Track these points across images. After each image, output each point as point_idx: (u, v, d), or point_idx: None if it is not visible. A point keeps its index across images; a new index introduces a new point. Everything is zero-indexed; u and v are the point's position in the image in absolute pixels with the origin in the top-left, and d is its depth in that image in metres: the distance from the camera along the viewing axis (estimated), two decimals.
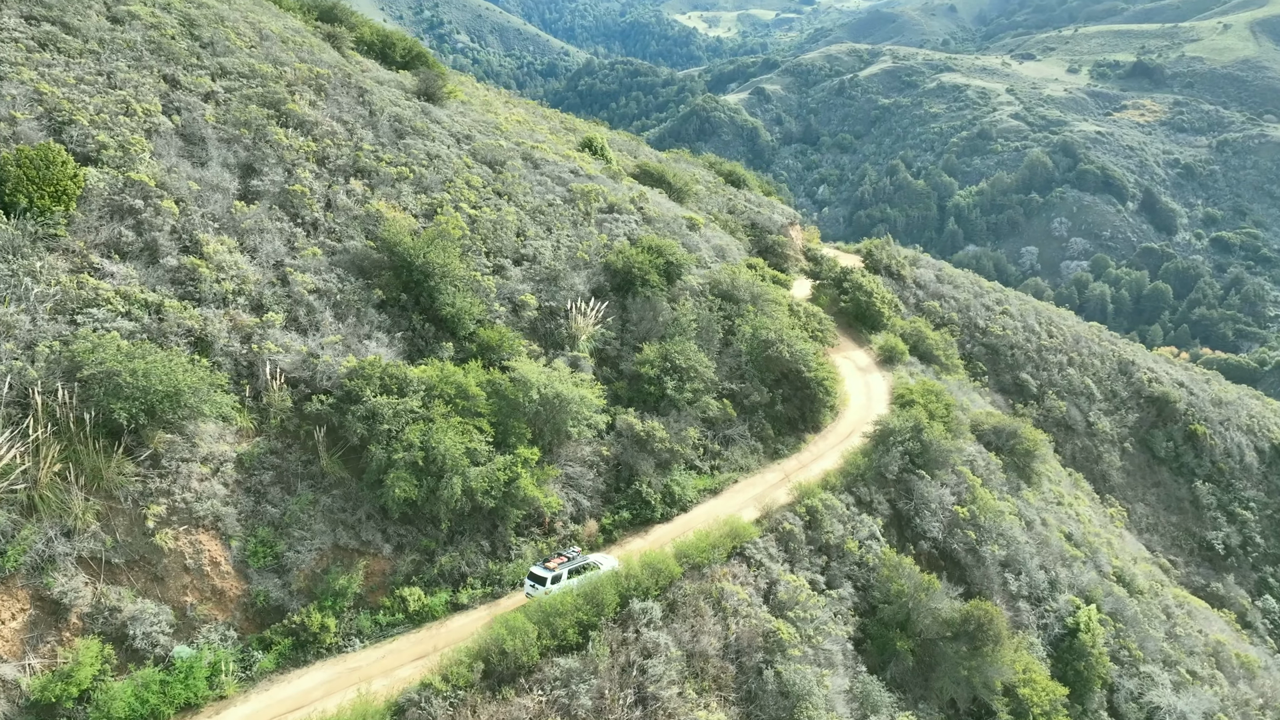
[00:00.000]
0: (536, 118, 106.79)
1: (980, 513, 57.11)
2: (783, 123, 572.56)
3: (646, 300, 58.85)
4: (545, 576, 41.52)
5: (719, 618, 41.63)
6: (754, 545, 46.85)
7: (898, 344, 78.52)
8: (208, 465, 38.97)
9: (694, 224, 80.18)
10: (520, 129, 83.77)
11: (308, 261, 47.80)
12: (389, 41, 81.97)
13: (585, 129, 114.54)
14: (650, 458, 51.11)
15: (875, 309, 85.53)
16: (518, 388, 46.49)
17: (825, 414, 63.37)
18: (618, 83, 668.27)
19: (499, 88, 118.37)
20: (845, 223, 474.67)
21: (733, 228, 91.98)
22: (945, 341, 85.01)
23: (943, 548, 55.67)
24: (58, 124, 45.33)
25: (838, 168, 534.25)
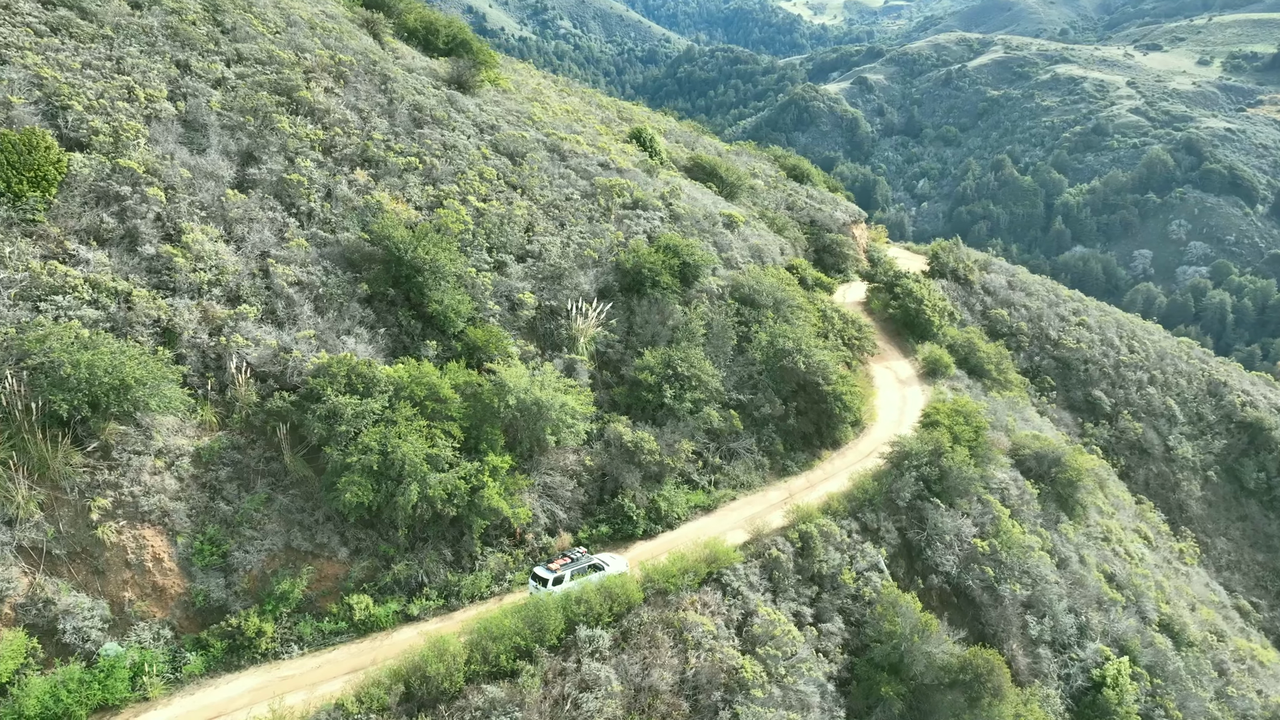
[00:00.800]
0: (591, 107, 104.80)
1: (1003, 547, 52.67)
2: (884, 114, 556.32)
3: (654, 303, 56.29)
4: (546, 578, 40.34)
5: (678, 650, 39.08)
6: (733, 572, 44.02)
7: (943, 356, 73.78)
8: (162, 459, 38.50)
9: (732, 221, 76.98)
10: (563, 119, 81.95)
11: (293, 253, 47.03)
12: (432, 28, 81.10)
13: (642, 118, 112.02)
14: (637, 470, 48.71)
15: (925, 317, 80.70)
16: (494, 392, 44.71)
17: (847, 430, 59.66)
18: (717, 70, 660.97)
19: (557, 75, 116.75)
20: (944, 219, 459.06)
21: (779, 225, 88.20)
22: (998, 354, 79.52)
23: (956, 584, 51.55)
24: (55, 109, 45.61)
25: (940, 161, 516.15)
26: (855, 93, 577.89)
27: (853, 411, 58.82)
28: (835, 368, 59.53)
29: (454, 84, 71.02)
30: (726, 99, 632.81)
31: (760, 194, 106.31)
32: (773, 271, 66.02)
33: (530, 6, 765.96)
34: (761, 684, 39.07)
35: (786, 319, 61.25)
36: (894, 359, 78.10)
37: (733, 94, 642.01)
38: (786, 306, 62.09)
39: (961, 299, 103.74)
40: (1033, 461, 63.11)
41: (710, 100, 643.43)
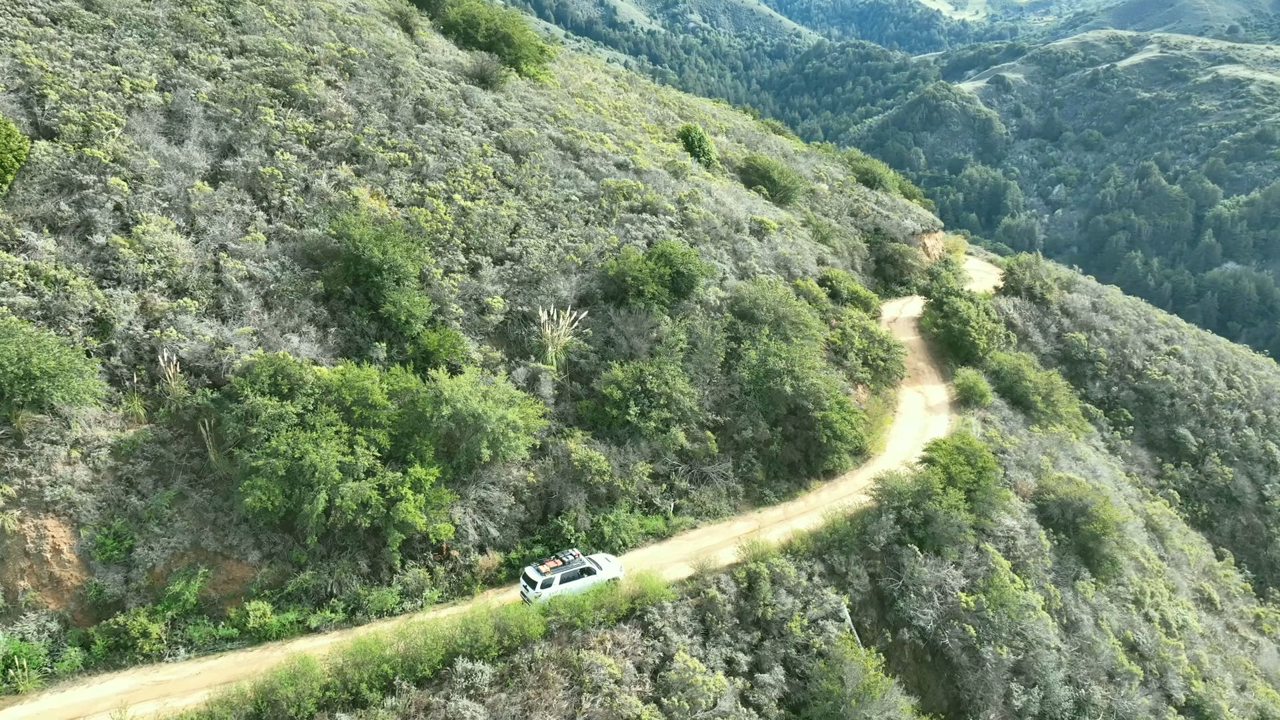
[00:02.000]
0: (650, 104, 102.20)
1: (991, 604, 47.54)
2: (1021, 115, 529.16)
3: (636, 313, 53.52)
4: (536, 580, 39.73)
5: (572, 693, 36.56)
6: (660, 609, 41.04)
7: (978, 383, 67.93)
8: (78, 449, 38.72)
9: (762, 228, 73.14)
10: (599, 117, 79.79)
11: (248, 247, 46.74)
12: (473, 22, 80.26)
13: (706, 116, 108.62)
14: (583, 490, 46.24)
15: (969, 339, 74.72)
16: (429, 401, 43.15)
17: (844, 460, 55.33)
18: (846, 66, 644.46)
19: (620, 70, 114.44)
20: (1079, 227, 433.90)
21: (825, 233, 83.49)
22: (1048, 384, 72.59)
23: (932, 641, 46.84)
24: (37, 97, 46.74)
25: (1079, 166, 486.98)
26: (991, 92, 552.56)
27: (846, 440, 54.43)
28: (832, 392, 55.24)
29: (476, 79, 69.90)
30: (854, 96, 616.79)
31: (823, 199, 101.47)
32: (778, 286, 61.94)
33: (661, 0, 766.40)
34: None
35: (786, 337, 57.28)
36: (930, 383, 72.63)
37: (860, 91, 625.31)
38: (788, 323, 58.07)
39: (1035, 320, 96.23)
40: (1055, 509, 57.06)
41: (837, 97, 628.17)
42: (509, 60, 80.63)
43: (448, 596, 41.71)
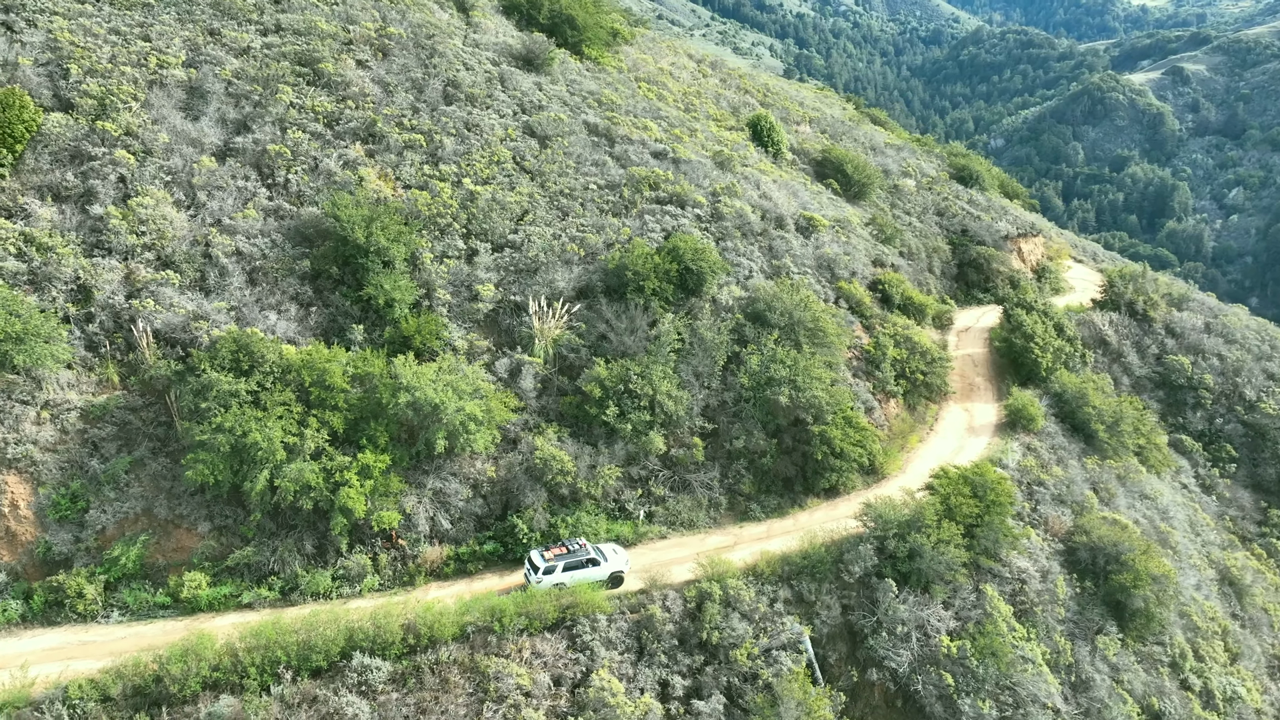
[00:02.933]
0: (732, 90, 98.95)
1: (978, 652, 43.30)
2: (1199, 110, 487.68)
3: (632, 308, 51.54)
4: (539, 565, 40.25)
5: (474, 700, 35.51)
6: (589, 622, 39.38)
7: (1029, 405, 62.28)
8: (48, 410, 40.48)
9: (811, 225, 69.38)
10: (652, 102, 77.67)
11: (242, 223, 47.65)
12: (535, 3, 79.53)
13: (789, 100, 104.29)
14: (543, 489, 44.95)
15: (1031, 356, 68.71)
16: (387, 388, 42.84)
17: (849, 479, 51.78)
18: (1005, 54, 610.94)
19: (707, 53, 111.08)
20: (1257, 235, 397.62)
21: (889, 233, 78.43)
22: (1115, 412, 65.66)
23: (904, 685, 43.15)
24: (63, 71, 49.05)
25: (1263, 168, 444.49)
26: (1165, 84, 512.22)
27: (848, 459, 50.79)
28: (840, 405, 51.66)
29: (521, 61, 69.13)
30: (1011, 85, 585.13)
31: (907, 195, 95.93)
32: (800, 288, 58.13)
33: None
34: None
35: (797, 343, 53.95)
36: (983, 401, 67.23)
37: (1019, 80, 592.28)
38: (802, 329, 54.63)
39: (1133, 338, 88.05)
40: (1086, 553, 51.62)
41: (992, 86, 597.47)
42: (571, 43, 79.68)
43: (388, 585, 41.44)
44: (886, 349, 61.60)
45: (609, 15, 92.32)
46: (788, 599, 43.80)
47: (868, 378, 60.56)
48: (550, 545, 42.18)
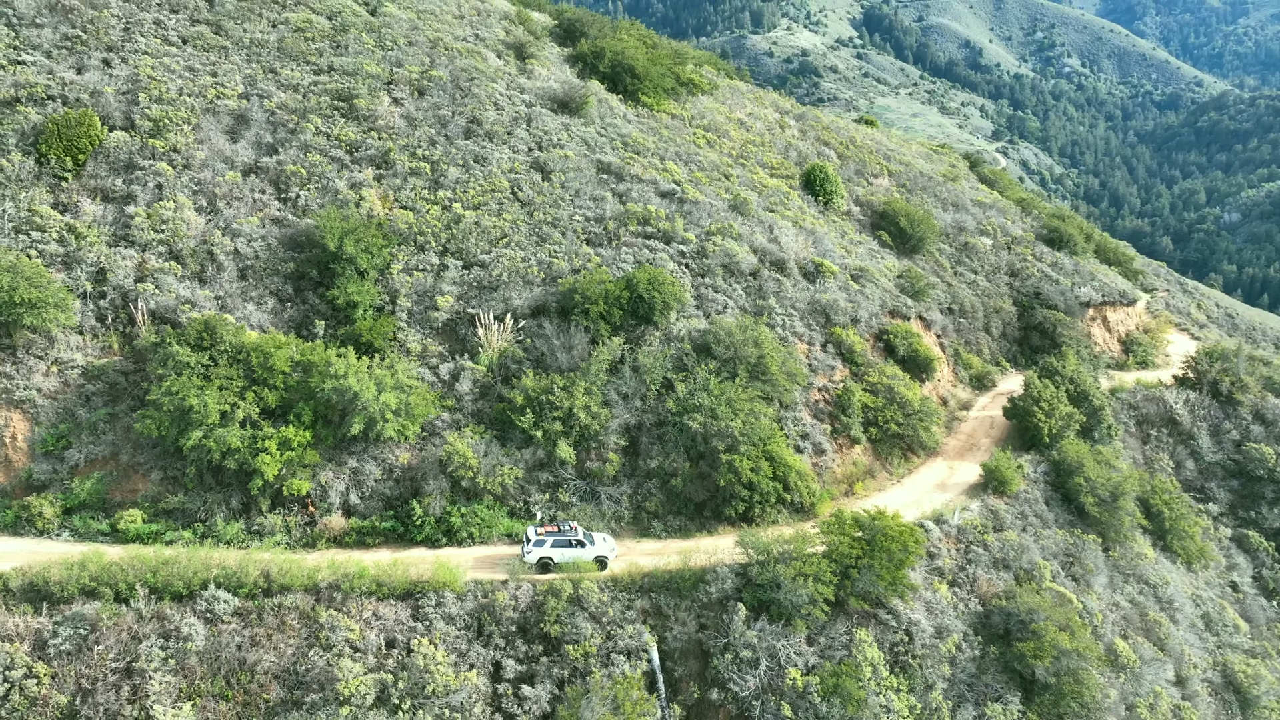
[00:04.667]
0: (810, 141, 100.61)
1: (824, 692, 43.27)
2: None
3: (567, 329, 55.46)
4: (531, 538, 46.02)
5: (303, 643, 40.30)
6: (436, 596, 43.27)
7: (1004, 469, 60.01)
8: (57, 365, 49.89)
9: (820, 271, 70.46)
10: (691, 147, 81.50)
11: (245, 228, 56.10)
12: (599, 54, 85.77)
13: (874, 154, 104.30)
14: (446, 480, 49.52)
15: (1032, 420, 65.96)
16: (319, 374, 49.21)
17: (767, 510, 52.70)
18: (1254, 121, 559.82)
19: (791, 106, 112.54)
20: None
21: (917, 288, 77.28)
22: (1112, 485, 61.31)
23: (745, 710, 43.76)
24: (135, 99, 60.05)
25: None
26: None
27: (758, 490, 51.73)
28: (765, 439, 52.80)
29: (558, 104, 75.30)
30: (1257, 155, 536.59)
31: (979, 254, 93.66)
32: (757, 328, 59.37)
33: (1036, 43, 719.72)
34: (362, 704, 38.73)
35: (733, 376, 55.66)
36: (974, 462, 65.07)
37: (1267, 150, 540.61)
38: (743, 364, 56.21)
39: (1211, 420, 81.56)
40: (999, 618, 49.60)
41: (1234, 155, 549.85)
42: (629, 90, 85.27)
43: (293, 545, 47.30)
44: (854, 395, 61.61)
45: (685, 68, 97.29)
46: (645, 609, 45.71)
47: (831, 421, 60.87)
48: (544, 524, 47.51)
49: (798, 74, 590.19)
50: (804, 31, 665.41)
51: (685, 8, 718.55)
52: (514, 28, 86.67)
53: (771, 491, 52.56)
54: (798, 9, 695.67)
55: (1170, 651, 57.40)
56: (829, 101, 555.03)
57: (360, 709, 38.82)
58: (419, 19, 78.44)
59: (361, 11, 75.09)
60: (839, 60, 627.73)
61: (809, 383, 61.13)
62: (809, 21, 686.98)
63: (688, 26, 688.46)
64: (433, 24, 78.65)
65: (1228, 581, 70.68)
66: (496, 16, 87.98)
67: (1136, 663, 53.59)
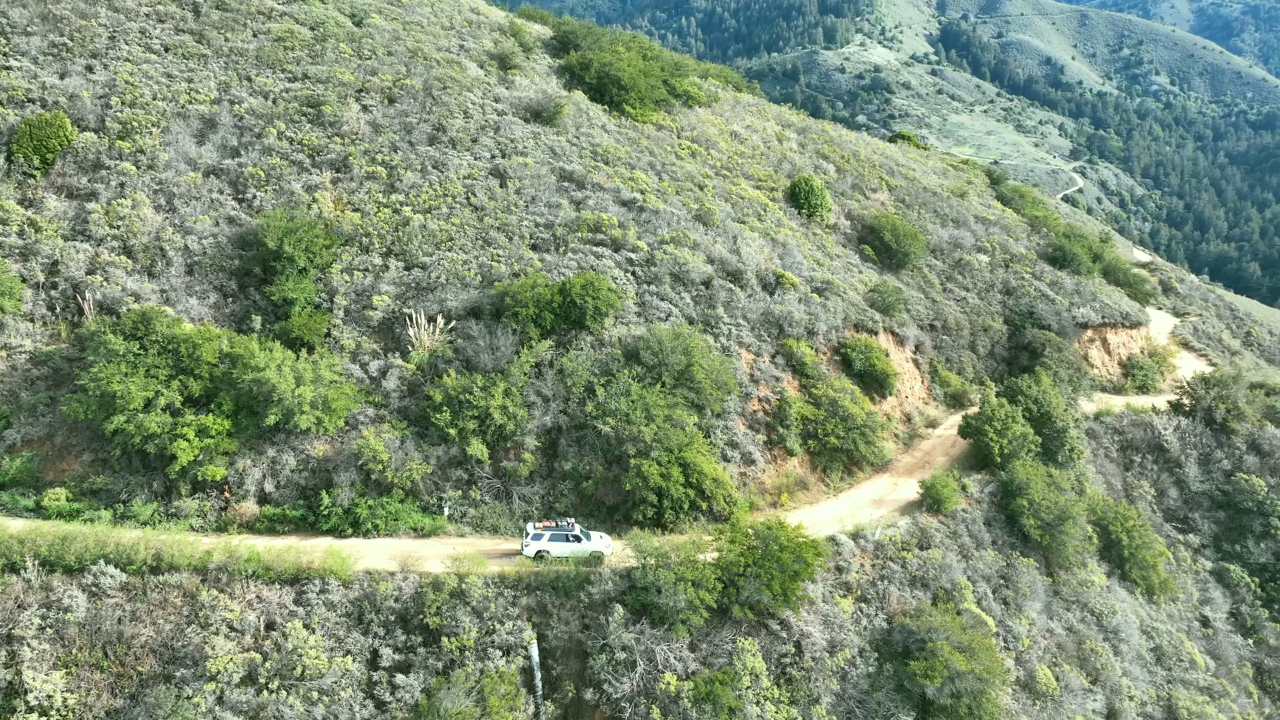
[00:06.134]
0: (808, 156, 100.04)
1: (697, 701, 43.10)
2: None
3: (494, 331, 56.47)
4: (530, 533, 48.05)
5: (182, 619, 42.01)
6: (320, 584, 44.59)
7: (941, 488, 58.73)
8: (5, 350, 53.08)
9: (781, 282, 70.16)
10: (667, 157, 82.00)
11: (197, 226, 58.78)
12: (585, 66, 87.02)
13: (876, 169, 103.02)
14: (356, 472, 50.94)
15: (983, 440, 64.44)
16: (242, 367, 51.27)
17: (680, 517, 52.79)
18: None
19: (794, 119, 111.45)
20: None
21: (887, 303, 76.06)
22: (1054, 511, 59.38)
23: (618, 711, 43.86)
24: (111, 101, 63.54)
25: None
26: None
27: (669, 497, 51.75)
28: (676, 445, 52.87)
29: (531, 114, 76.72)
30: None
31: (972, 271, 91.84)
32: (694, 337, 59.32)
33: (1121, 60, 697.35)
34: (229, 681, 40.22)
35: (657, 382, 55.87)
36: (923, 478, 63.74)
37: None
38: (668, 370, 56.38)
39: (1202, 449, 78.38)
40: (899, 635, 48.64)
41: None
42: (615, 101, 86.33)
43: (205, 529, 49.29)
44: (791, 407, 61.13)
45: (684, 80, 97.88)
46: (530, 606, 46.25)
47: (768, 432, 60.53)
48: (542, 519, 49.62)
49: (869, 90, 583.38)
50: (878, 48, 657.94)
51: (758, 24, 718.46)
52: (504, 39, 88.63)
53: (684, 498, 52.55)
54: (873, 25, 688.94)
55: (1105, 683, 55.29)
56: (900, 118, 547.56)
57: (227, 686, 40.30)
58: (404, 30, 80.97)
59: (346, 22, 77.94)
60: (912, 76, 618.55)
61: (747, 393, 60.91)
62: (884, 38, 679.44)
63: (760, 42, 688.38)
64: (416, 34, 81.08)
65: (1198, 616, 67.60)
66: (488, 28, 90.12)
67: (1057, 691, 51.85)
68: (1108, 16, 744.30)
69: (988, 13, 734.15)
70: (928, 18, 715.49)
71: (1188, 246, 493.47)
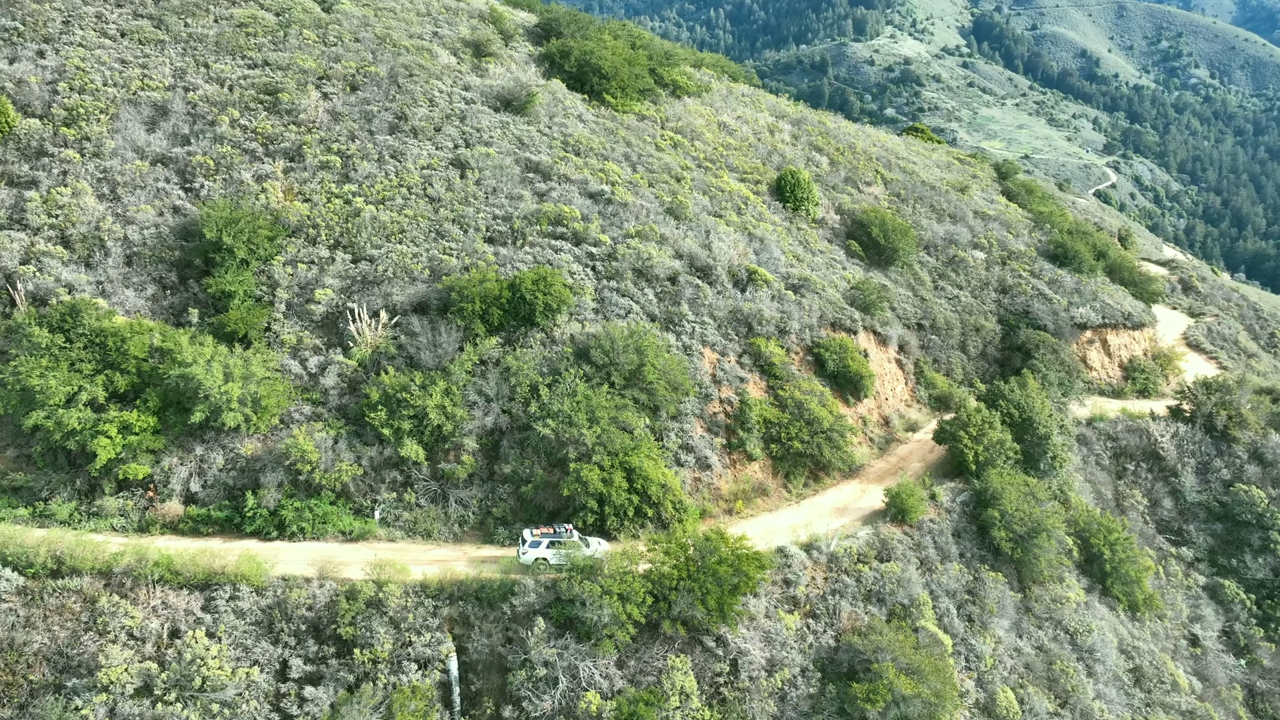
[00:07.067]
0: (800, 148, 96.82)
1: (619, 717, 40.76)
2: None
3: (436, 327, 54.26)
4: (527, 539, 46.12)
5: (79, 625, 40.30)
6: (230, 590, 42.70)
7: (906, 497, 55.67)
8: None
9: (753, 279, 67.34)
10: (642, 149, 79.35)
11: (139, 216, 57.10)
12: (565, 54, 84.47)
13: (874, 162, 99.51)
14: (284, 473, 49.03)
15: (958, 447, 61.30)
16: (169, 361, 49.53)
17: (625, 524, 50.34)
18: None
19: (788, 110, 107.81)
20: None
21: (868, 300, 72.89)
22: (1026, 523, 56.18)
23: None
24: (59, 87, 62.06)
25: None
26: None
27: (610, 504, 49.35)
28: (621, 449, 50.37)
29: (501, 102, 74.37)
30: None
31: (966, 268, 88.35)
32: (648, 335, 56.67)
33: (1160, 53, 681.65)
34: (122, 692, 38.45)
35: (604, 382, 53.38)
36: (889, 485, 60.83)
37: None
38: (617, 371, 53.85)
39: (1201, 457, 74.56)
40: (845, 654, 45.85)
41: None
42: (594, 90, 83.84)
43: (126, 529, 47.58)
44: (752, 409, 58.38)
45: (674, 69, 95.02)
46: (452, 617, 44.06)
47: (728, 435, 57.89)
48: (540, 525, 47.57)
49: (898, 83, 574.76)
50: (908, 40, 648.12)
51: (787, 16, 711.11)
52: (482, 26, 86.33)
53: (627, 505, 50.10)
54: (903, 17, 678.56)
55: (1075, 706, 52.14)
56: (929, 111, 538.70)
57: (120, 697, 38.51)
58: (375, 16, 78.97)
59: (314, 8, 76.06)
60: (943, 69, 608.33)
61: (707, 394, 58.26)
62: (915, 30, 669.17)
63: (788, 34, 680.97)
64: (387, 21, 79.03)
65: (1186, 634, 64.05)
66: (467, 15, 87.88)
67: (1019, 715, 48.84)
68: (1146, 8, 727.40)
69: (1022, 4, 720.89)
70: (960, 9, 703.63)
71: (1224, 244, 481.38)
